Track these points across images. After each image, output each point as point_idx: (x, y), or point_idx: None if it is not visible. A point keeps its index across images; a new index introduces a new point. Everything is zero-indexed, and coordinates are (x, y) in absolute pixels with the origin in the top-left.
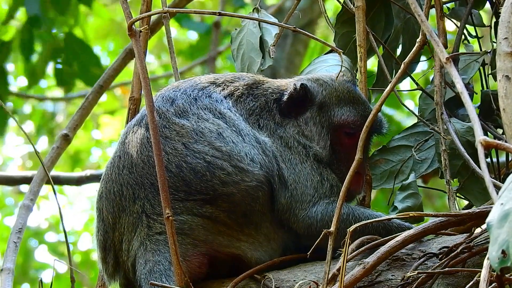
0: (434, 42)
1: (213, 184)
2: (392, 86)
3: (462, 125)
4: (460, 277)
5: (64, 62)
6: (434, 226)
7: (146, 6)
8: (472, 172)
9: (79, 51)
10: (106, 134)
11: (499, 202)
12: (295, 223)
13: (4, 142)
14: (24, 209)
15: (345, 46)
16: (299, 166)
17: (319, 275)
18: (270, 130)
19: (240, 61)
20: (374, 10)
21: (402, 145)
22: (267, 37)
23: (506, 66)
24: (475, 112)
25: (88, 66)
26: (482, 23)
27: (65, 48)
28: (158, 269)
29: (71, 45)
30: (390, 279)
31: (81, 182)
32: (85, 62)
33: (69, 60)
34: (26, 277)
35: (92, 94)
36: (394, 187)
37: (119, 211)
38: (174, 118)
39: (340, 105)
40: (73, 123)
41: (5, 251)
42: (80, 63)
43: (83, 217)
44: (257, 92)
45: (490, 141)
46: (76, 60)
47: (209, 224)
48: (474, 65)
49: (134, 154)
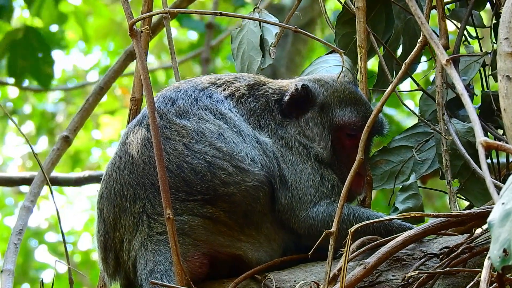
0: (434, 44)
1: (214, 185)
2: (393, 86)
3: (463, 125)
4: (461, 277)
5: (20, 55)
6: (434, 227)
7: (147, 7)
8: (472, 173)
9: (37, 47)
10: (106, 134)
11: (501, 201)
12: (296, 223)
13: (4, 142)
14: (25, 210)
15: (345, 47)
16: (300, 167)
17: (320, 276)
18: (271, 131)
19: (240, 60)
20: (375, 11)
21: (403, 145)
22: (268, 36)
23: (507, 66)
24: (475, 113)
25: (41, 65)
26: (483, 24)
27: (22, 41)
28: (159, 269)
29: (29, 40)
30: (390, 280)
31: (80, 183)
32: (39, 59)
33: (25, 54)
34: (26, 277)
35: (93, 95)
36: (394, 187)
37: (120, 211)
38: (175, 119)
39: (341, 106)
40: (73, 125)
41: (5, 252)
42: (34, 59)
43: (83, 217)
44: (258, 92)
45: (491, 142)
46: (32, 56)
47: (209, 225)
48: (475, 66)
49: (135, 155)
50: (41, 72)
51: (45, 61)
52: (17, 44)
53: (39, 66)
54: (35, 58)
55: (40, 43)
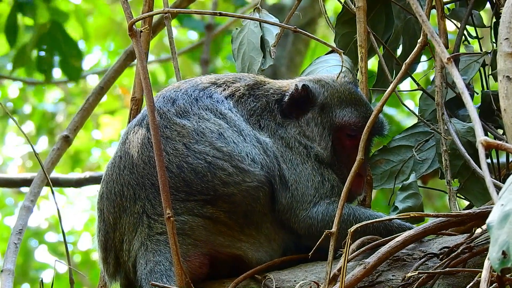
0: (436, 42)
1: (214, 185)
2: (393, 86)
3: (463, 125)
4: (461, 277)
5: (46, 49)
6: (434, 226)
7: (148, 7)
8: (472, 173)
9: (62, 41)
10: (106, 134)
11: (500, 203)
12: (296, 223)
13: (4, 142)
14: (25, 210)
15: (345, 46)
16: (300, 167)
17: (320, 275)
18: (271, 131)
19: (240, 61)
20: (375, 10)
21: (403, 145)
22: (268, 37)
23: (507, 67)
24: (476, 112)
25: (69, 58)
26: (483, 24)
27: (48, 35)
28: (158, 270)
29: (54, 34)
30: (390, 279)
31: (80, 184)
32: (66, 53)
33: (51, 48)
34: (26, 277)
35: (93, 95)
36: (394, 187)
37: (120, 211)
38: (175, 118)
39: (341, 106)
40: (73, 125)
41: (5, 252)
42: (61, 53)
43: (83, 217)
44: (258, 92)
45: (491, 141)
46: (58, 50)
47: (210, 225)
48: (475, 65)
49: (135, 154)
50: (70, 65)
51: (72, 54)
52: (44, 39)
53: (67, 59)
54: (62, 52)
55: (66, 37)
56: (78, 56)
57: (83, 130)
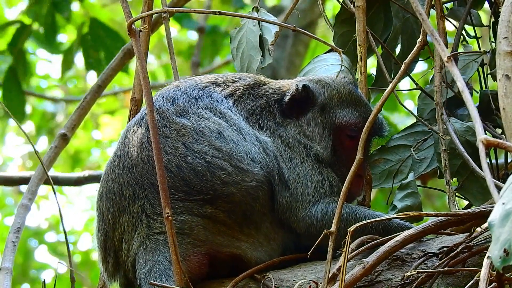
0: (436, 41)
1: (213, 184)
2: (392, 86)
3: (461, 124)
4: (460, 276)
5: (91, 47)
6: (434, 226)
7: (147, 7)
8: (471, 172)
9: (105, 36)
10: (106, 134)
11: (501, 201)
12: (295, 222)
13: (4, 142)
14: (22, 208)
15: (344, 46)
16: (300, 166)
17: (319, 275)
18: (270, 130)
19: (239, 60)
20: (373, 10)
21: (401, 144)
22: (267, 36)
23: (506, 65)
24: (476, 111)
25: (114, 51)
26: (481, 23)
27: (90, 34)
28: (158, 269)
29: (96, 31)
30: (390, 279)
31: (80, 183)
32: (111, 46)
33: (96, 46)
34: (26, 277)
35: (90, 94)
36: (393, 186)
37: (119, 210)
38: (175, 118)
39: (342, 107)
40: (71, 123)
41: (4, 250)
42: (105, 48)
43: (83, 217)
44: (258, 92)
45: (491, 140)
46: (102, 46)
47: (209, 224)
48: (473, 65)
49: (134, 154)
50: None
51: (116, 47)
52: (86, 37)
53: (113, 53)
54: (106, 47)
55: (107, 32)
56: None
57: (83, 130)
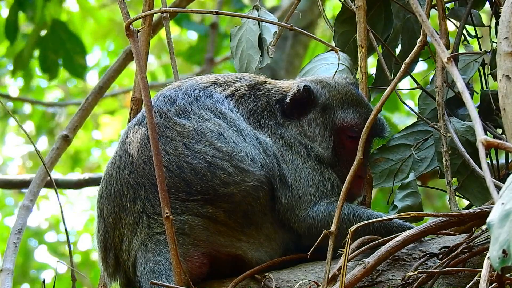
0: (435, 42)
1: (214, 185)
2: (392, 86)
3: (462, 124)
4: (461, 277)
5: (49, 49)
6: (434, 226)
7: (148, 7)
8: (471, 172)
9: (66, 39)
10: (106, 134)
11: (500, 201)
12: (296, 223)
13: (4, 142)
14: (24, 209)
15: (344, 45)
16: (300, 166)
17: (320, 275)
18: (271, 130)
19: (239, 59)
20: (374, 9)
21: (402, 144)
22: (266, 35)
23: (506, 66)
24: (476, 111)
25: (72, 56)
26: (482, 23)
27: (50, 35)
28: (158, 269)
29: (57, 32)
30: (390, 279)
31: (80, 185)
32: (70, 51)
33: (55, 47)
34: (26, 277)
35: (92, 95)
36: (393, 186)
37: (120, 211)
38: (175, 118)
39: (343, 108)
40: (73, 124)
41: (5, 251)
42: (65, 52)
43: (83, 217)
44: (259, 92)
45: (491, 140)
46: (61, 49)
47: (209, 224)
48: (474, 65)
49: (135, 154)
50: (74, 63)
51: (76, 52)
52: (46, 39)
53: (71, 57)
54: (66, 50)
55: (69, 35)
56: (82, 53)
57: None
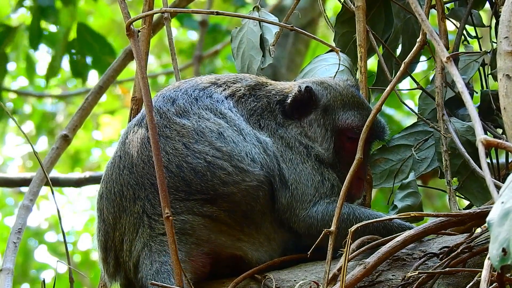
0: (435, 42)
1: (214, 184)
2: (392, 86)
3: (462, 124)
4: (461, 277)
5: (78, 53)
6: (434, 226)
7: (148, 6)
8: (471, 172)
9: (92, 41)
10: (106, 134)
11: (500, 200)
12: (295, 222)
13: (4, 142)
14: (24, 209)
15: (344, 46)
16: (300, 166)
17: (320, 275)
18: (271, 130)
19: (240, 60)
20: (374, 10)
21: (402, 144)
22: (268, 36)
23: (506, 65)
24: (475, 111)
25: (101, 56)
26: (482, 23)
27: (78, 39)
28: (165, 269)
29: (84, 36)
30: (390, 279)
31: (80, 184)
32: (98, 52)
33: (83, 51)
34: (26, 277)
35: (92, 94)
36: (393, 186)
37: (120, 211)
38: (175, 118)
39: (344, 109)
40: (72, 124)
41: (5, 251)
42: (93, 54)
43: (83, 217)
44: (259, 93)
45: (491, 140)
46: (90, 51)
47: (210, 224)
48: (474, 65)
49: (135, 154)
50: (104, 63)
51: (104, 52)
52: (73, 43)
53: (100, 58)
54: (94, 52)
55: (94, 36)
56: (111, 52)
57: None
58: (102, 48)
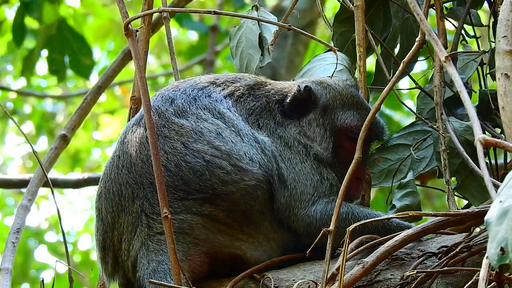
0: (433, 41)
1: (212, 183)
2: (391, 85)
3: (461, 124)
4: (459, 276)
5: (56, 50)
6: (433, 226)
7: (147, 6)
8: (470, 171)
9: (71, 40)
10: (106, 134)
11: (498, 199)
12: (294, 222)
13: (4, 142)
14: (22, 209)
15: (343, 45)
16: (299, 166)
17: (318, 275)
18: (269, 130)
19: (239, 59)
20: (373, 9)
21: (401, 143)
22: (266, 35)
23: (505, 64)
24: (474, 110)
25: (79, 56)
26: (480, 23)
27: (57, 36)
28: (162, 269)
29: (63, 33)
30: (389, 279)
31: (79, 185)
32: (76, 51)
33: (61, 49)
34: (26, 277)
35: (91, 94)
36: (392, 185)
37: (118, 210)
38: (173, 118)
39: (343, 109)
40: (71, 124)
41: (3, 251)
42: (71, 52)
43: (83, 217)
44: (258, 92)
45: (489, 139)
46: (68, 49)
47: (209, 223)
48: (472, 64)
49: (133, 154)
50: (81, 64)
51: (82, 52)
52: (53, 40)
53: (78, 58)
54: (72, 51)
55: (74, 36)
56: (88, 54)
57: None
58: (80, 48)
